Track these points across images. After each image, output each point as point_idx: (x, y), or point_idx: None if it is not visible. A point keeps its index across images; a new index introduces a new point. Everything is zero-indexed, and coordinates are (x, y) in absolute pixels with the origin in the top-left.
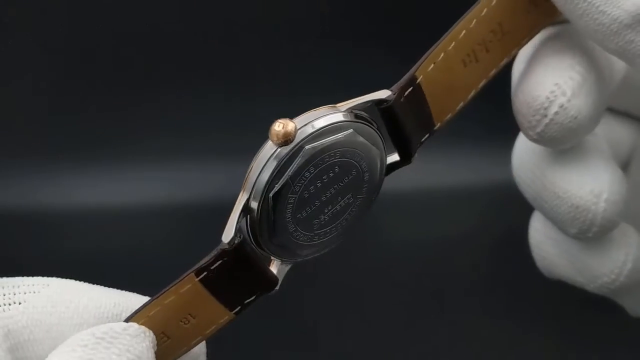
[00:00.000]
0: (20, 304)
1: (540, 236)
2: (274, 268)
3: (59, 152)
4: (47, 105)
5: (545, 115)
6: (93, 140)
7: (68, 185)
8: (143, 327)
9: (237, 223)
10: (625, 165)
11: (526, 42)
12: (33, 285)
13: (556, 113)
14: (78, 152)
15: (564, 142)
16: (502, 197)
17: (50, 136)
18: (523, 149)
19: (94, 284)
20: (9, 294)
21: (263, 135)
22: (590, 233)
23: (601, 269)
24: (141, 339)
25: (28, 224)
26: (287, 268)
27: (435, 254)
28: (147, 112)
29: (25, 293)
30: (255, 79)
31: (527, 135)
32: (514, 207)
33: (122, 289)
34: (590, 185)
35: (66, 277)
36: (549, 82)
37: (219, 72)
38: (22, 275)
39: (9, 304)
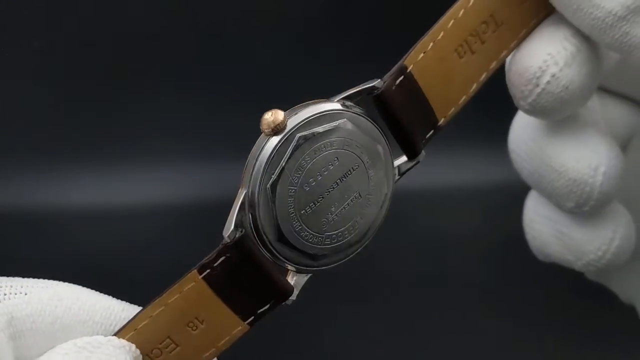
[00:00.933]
0: (26, 294)
1: (532, 214)
2: (290, 279)
3: (59, 152)
4: (47, 105)
5: (538, 85)
6: (93, 140)
7: (68, 185)
8: (128, 342)
9: (236, 216)
10: (622, 149)
11: (525, 35)
12: (43, 282)
13: (548, 82)
14: (78, 152)
15: (556, 113)
16: (503, 199)
17: (50, 136)
18: (520, 125)
19: (93, 283)
20: (17, 285)
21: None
22: (587, 207)
23: (589, 246)
24: (125, 350)
25: (28, 224)
26: (304, 278)
27: (436, 254)
28: (147, 112)
29: (32, 287)
30: (255, 79)
31: (519, 106)
32: (516, 209)
33: (121, 289)
34: (587, 158)
35: (65, 277)
36: (542, 52)
37: (219, 73)
38: (22, 275)
39: (15, 294)
